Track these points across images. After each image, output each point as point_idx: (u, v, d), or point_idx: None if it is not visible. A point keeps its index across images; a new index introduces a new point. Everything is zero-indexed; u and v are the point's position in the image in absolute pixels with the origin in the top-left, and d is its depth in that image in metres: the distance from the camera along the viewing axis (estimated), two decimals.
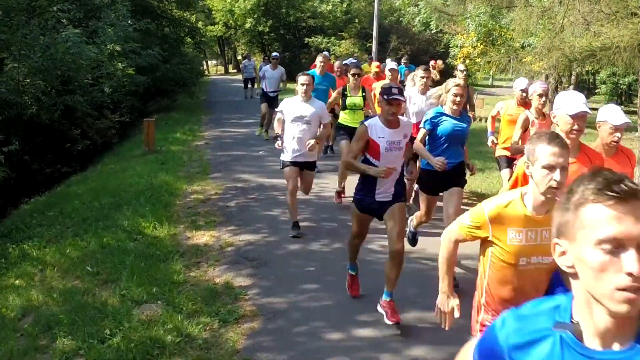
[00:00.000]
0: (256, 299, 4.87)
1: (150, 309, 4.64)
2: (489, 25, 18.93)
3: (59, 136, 13.53)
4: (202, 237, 6.48)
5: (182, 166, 10.38)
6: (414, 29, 28.69)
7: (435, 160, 4.90)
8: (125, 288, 5.03)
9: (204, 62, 40.65)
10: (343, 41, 30.61)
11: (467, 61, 18.45)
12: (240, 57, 42.10)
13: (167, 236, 6.51)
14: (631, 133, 15.57)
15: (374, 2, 23.32)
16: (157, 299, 4.84)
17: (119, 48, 15.06)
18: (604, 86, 24.82)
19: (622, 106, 26.95)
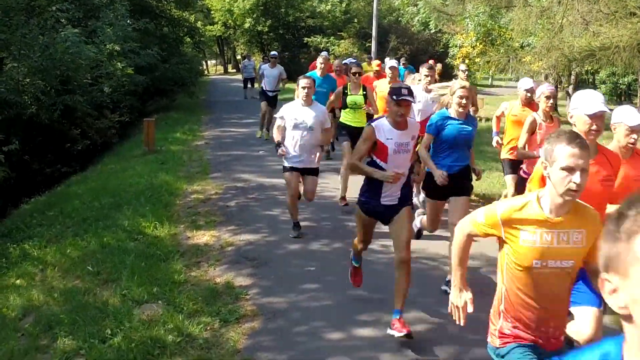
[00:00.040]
0: (257, 299, 4.88)
1: (151, 308, 4.65)
2: (488, 25, 18.96)
3: (58, 136, 13.53)
4: (202, 237, 6.49)
5: (182, 166, 10.39)
6: (413, 28, 28.76)
7: (438, 174, 4.74)
8: (126, 288, 5.04)
9: (203, 62, 40.71)
10: (342, 41, 30.62)
11: (467, 61, 18.46)
12: (239, 57, 42.12)
13: (168, 236, 6.52)
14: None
15: (372, 1, 23.31)
16: (158, 299, 4.85)
17: (118, 48, 15.07)
18: (603, 86, 24.81)
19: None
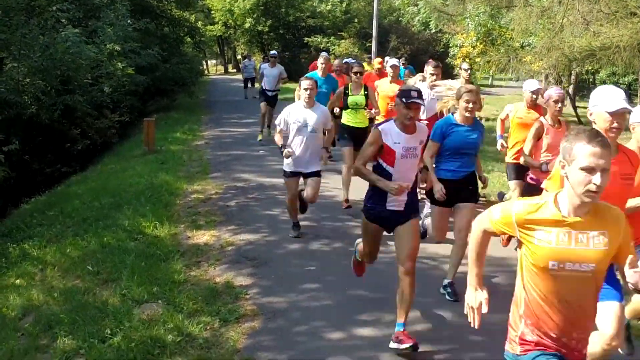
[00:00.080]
0: (257, 299, 4.88)
1: (150, 308, 4.64)
2: (488, 25, 18.94)
3: (58, 136, 13.54)
4: (202, 237, 6.49)
5: (182, 166, 10.39)
6: (413, 28, 28.73)
7: (437, 188, 4.64)
8: (126, 287, 5.04)
9: (204, 62, 40.72)
10: (342, 41, 30.63)
11: (467, 60, 18.44)
12: (239, 57, 42.14)
13: (168, 236, 6.52)
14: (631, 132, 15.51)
15: (373, 1, 23.33)
16: (158, 299, 4.85)
17: (118, 48, 15.07)
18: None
19: None
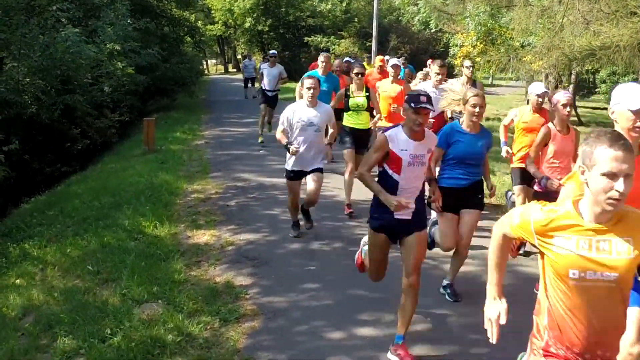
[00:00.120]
0: (257, 298, 4.88)
1: (150, 308, 4.64)
2: (488, 25, 18.93)
3: (58, 135, 13.54)
4: (202, 236, 6.49)
5: (182, 165, 10.39)
6: (413, 28, 28.73)
7: (434, 199, 4.51)
8: (126, 287, 5.04)
9: (204, 62, 40.74)
10: (342, 40, 30.67)
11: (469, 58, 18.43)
12: (239, 57, 42.16)
13: (168, 235, 6.52)
14: None
15: (373, 1, 23.32)
16: (158, 298, 4.85)
17: (118, 47, 15.09)
18: (603, 85, 24.76)
19: None
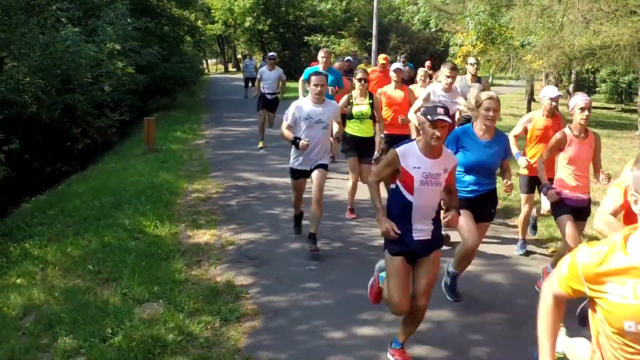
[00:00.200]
0: (257, 298, 4.88)
1: (151, 307, 4.65)
2: (488, 24, 18.94)
3: (59, 135, 13.56)
4: (203, 236, 6.49)
5: (182, 165, 10.39)
6: (413, 27, 28.77)
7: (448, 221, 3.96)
8: (127, 287, 5.04)
9: (204, 61, 40.75)
10: (342, 40, 30.69)
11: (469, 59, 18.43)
12: (240, 56, 42.17)
13: (168, 235, 6.52)
14: (631, 131, 15.59)
15: (373, 0, 23.32)
16: (159, 298, 4.85)
17: (118, 47, 15.10)
18: (603, 85, 24.77)
19: (622, 105, 26.31)
